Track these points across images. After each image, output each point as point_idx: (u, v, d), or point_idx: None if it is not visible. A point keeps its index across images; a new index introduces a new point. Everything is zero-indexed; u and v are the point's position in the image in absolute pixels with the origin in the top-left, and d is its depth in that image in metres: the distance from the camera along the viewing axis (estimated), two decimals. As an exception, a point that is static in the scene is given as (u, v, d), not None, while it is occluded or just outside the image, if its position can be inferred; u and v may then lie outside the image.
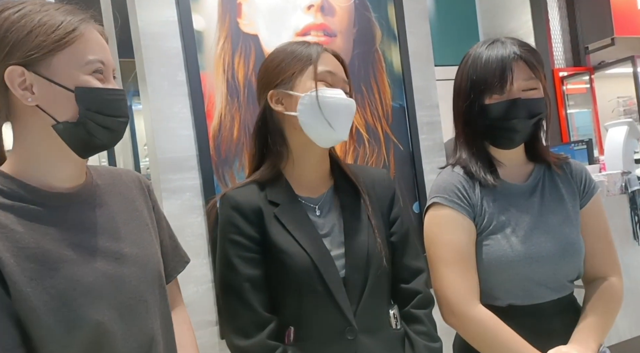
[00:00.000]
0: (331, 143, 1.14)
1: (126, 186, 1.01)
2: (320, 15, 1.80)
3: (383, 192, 1.21)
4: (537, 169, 1.22)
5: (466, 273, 1.12)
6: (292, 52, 1.13)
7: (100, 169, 1.01)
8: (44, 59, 0.83)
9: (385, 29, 1.93)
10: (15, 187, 0.85)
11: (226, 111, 1.64)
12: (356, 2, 1.88)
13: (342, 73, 1.15)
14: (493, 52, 1.14)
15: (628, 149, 2.85)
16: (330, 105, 1.09)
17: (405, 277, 1.17)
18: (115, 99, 0.88)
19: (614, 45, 4.19)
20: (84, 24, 0.87)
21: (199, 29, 1.61)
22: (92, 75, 0.86)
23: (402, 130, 1.94)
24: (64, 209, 0.87)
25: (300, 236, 1.07)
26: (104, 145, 0.91)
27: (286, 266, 1.06)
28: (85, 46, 0.86)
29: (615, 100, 4.67)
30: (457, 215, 1.14)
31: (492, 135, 1.17)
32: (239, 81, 1.66)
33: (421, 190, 1.95)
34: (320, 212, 1.14)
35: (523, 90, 1.12)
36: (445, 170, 1.24)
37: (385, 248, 1.13)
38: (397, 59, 1.94)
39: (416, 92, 1.97)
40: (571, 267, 1.15)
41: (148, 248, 0.96)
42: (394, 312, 1.14)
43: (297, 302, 1.07)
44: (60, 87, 0.84)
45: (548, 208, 1.17)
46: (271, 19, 1.72)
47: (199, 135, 1.59)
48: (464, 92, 1.18)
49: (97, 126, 0.86)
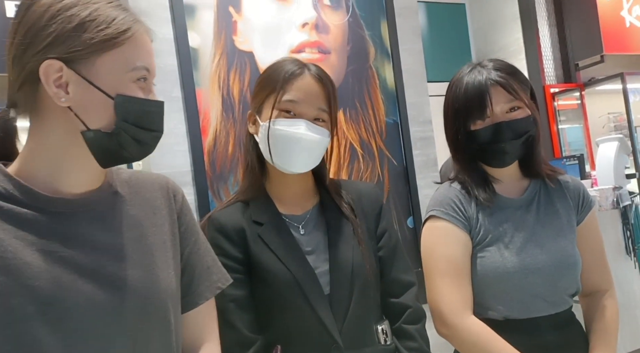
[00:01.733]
0: (288, 173, 1.10)
1: (151, 195, 0.89)
2: (315, 32, 1.82)
3: (370, 206, 1.19)
4: (532, 183, 1.23)
5: (460, 285, 1.12)
6: (269, 75, 1.11)
7: (125, 174, 0.89)
8: (88, 57, 0.74)
9: (378, 46, 1.96)
10: (11, 188, 0.74)
11: (221, 127, 1.65)
12: (350, 20, 1.91)
13: (319, 100, 1.08)
14: (471, 78, 1.15)
15: (619, 164, 2.89)
16: (279, 139, 1.06)
17: (395, 291, 1.15)
18: (154, 112, 0.81)
19: (603, 62, 4.26)
20: (137, 25, 0.78)
21: (195, 46, 1.63)
22: (136, 83, 0.77)
23: (396, 146, 1.96)
24: (65, 217, 0.76)
25: (283, 254, 1.06)
26: (131, 158, 0.82)
27: (270, 284, 1.05)
28: (135, 50, 0.77)
29: (606, 116, 4.73)
30: (453, 228, 1.15)
31: (483, 157, 1.19)
32: (234, 97, 1.67)
33: (415, 205, 1.96)
34: (305, 230, 1.12)
35: (507, 112, 1.13)
36: (443, 185, 1.26)
37: (372, 263, 1.12)
38: (390, 76, 1.97)
39: (409, 108, 1.99)
40: (568, 280, 1.15)
41: (156, 271, 0.82)
42: (383, 328, 1.12)
43: (283, 320, 1.06)
44: (100, 91, 0.75)
45: (543, 221, 1.17)
46: (266, 36, 1.74)
47: (194, 151, 1.59)
48: (450, 119, 1.20)
49: (130, 139, 0.77)
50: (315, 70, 1.10)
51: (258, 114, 1.12)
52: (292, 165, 1.08)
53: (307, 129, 1.06)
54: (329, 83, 1.11)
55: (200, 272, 0.91)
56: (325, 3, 1.86)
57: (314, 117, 1.08)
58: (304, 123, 1.06)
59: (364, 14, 1.93)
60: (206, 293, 0.91)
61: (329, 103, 1.10)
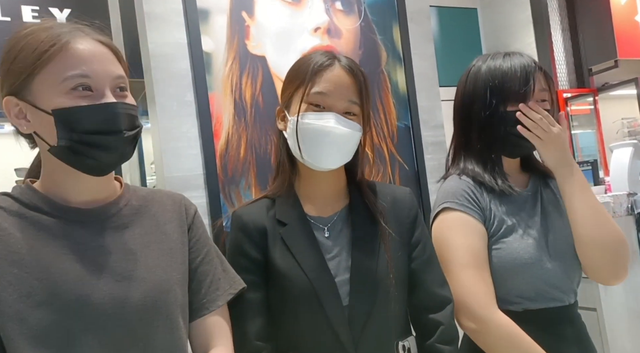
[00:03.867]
0: (318, 169, 1.06)
1: (164, 208, 0.95)
2: (327, 37, 1.83)
3: (403, 213, 1.12)
4: (533, 177, 1.25)
5: (483, 277, 1.09)
6: (298, 67, 1.07)
7: (139, 190, 0.97)
8: (27, 83, 0.80)
9: (390, 51, 1.96)
10: (35, 199, 0.84)
11: (233, 131, 1.66)
12: (362, 24, 1.91)
13: (349, 92, 1.04)
14: (515, 62, 1.15)
15: (633, 170, 2.85)
16: (307, 133, 1.02)
17: (429, 306, 1.07)
18: (102, 115, 0.80)
19: (617, 67, 4.22)
20: (69, 36, 0.80)
21: (208, 50, 1.64)
22: (72, 93, 0.79)
23: (408, 150, 1.95)
24: (80, 225, 0.85)
25: (303, 259, 1.01)
26: (107, 164, 0.85)
27: (285, 290, 1.01)
28: (65, 61, 0.79)
29: (620, 121, 4.68)
30: (470, 218, 1.12)
31: (509, 142, 1.17)
32: (247, 101, 1.68)
33: (427, 210, 1.95)
34: (330, 233, 1.06)
35: (536, 101, 1.14)
36: (451, 178, 1.22)
37: (399, 274, 1.05)
38: (402, 80, 1.97)
39: (421, 112, 1.99)
40: (577, 271, 1.17)
41: (160, 272, 0.87)
42: (405, 344, 1.04)
43: (296, 328, 1.02)
44: (41, 111, 0.79)
45: (551, 212, 1.19)
46: (278, 40, 1.75)
47: (206, 155, 1.60)
48: (480, 99, 1.17)
49: (86, 147, 0.80)
50: (345, 61, 1.05)
51: (287, 108, 1.08)
52: (321, 161, 1.04)
53: (336, 122, 1.01)
54: (360, 75, 1.06)
55: (212, 281, 0.96)
56: (338, 8, 1.86)
57: (344, 110, 1.03)
58: (333, 116, 1.01)
59: (376, 19, 1.93)
60: (218, 301, 0.95)
61: (361, 95, 1.05)
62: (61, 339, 0.77)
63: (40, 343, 0.76)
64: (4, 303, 0.76)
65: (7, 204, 0.83)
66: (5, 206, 0.83)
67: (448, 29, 4.27)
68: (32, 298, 0.76)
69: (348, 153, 1.07)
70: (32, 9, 2.07)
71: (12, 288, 0.76)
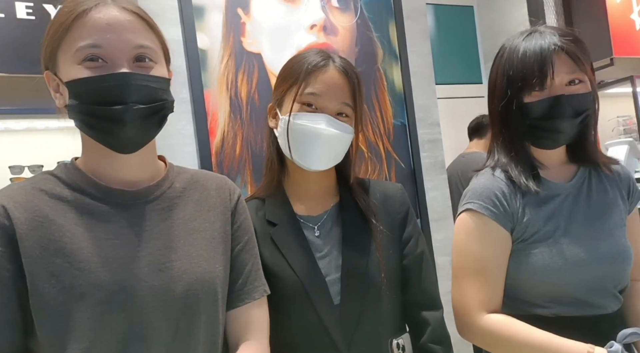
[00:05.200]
0: (307, 169, 1.05)
1: (208, 193, 0.93)
2: (323, 34, 1.82)
3: (394, 209, 1.11)
4: (581, 169, 1.13)
5: (484, 286, 1.05)
6: (292, 66, 1.06)
7: (184, 171, 0.95)
8: (54, 56, 0.80)
9: (386, 48, 1.95)
10: (79, 179, 0.83)
11: (229, 128, 1.65)
12: (358, 22, 1.90)
13: (342, 93, 1.03)
14: (530, 44, 1.03)
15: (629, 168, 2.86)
16: (298, 134, 1.01)
17: (423, 303, 1.08)
18: (105, 86, 0.77)
19: (613, 65, 4.22)
20: (91, 4, 0.78)
21: (203, 47, 1.63)
22: (82, 64, 0.77)
23: (404, 148, 1.95)
24: (123, 207, 0.83)
25: (293, 259, 1.01)
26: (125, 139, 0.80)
27: (276, 291, 0.99)
28: (80, 31, 0.77)
29: (615, 119, 4.69)
30: (490, 224, 1.05)
31: (534, 136, 1.08)
32: (242, 99, 1.68)
33: (422, 208, 1.96)
34: (320, 232, 1.06)
35: (566, 84, 1.02)
36: (484, 173, 1.13)
37: (390, 272, 1.05)
38: (398, 78, 1.96)
39: (417, 110, 1.99)
40: (622, 275, 1.07)
41: (202, 264, 0.85)
42: (399, 342, 1.05)
43: (288, 328, 1.02)
44: (63, 84, 0.79)
45: (597, 211, 1.08)
46: (274, 37, 1.74)
47: (202, 152, 1.60)
48: (499, 89, 1.08)
49: (93, 119, 0.78)
50: (340, 62, 1.05)
51: (279, 107, 1.07)
52: (311, 162, 1.03)
53: (327, 124, 1.01)
54: (354, 76, 1.05)
55: (251, 271, 0.94)
56: (334, 5, 1.86)
57: (336, 112, 1.03)
58: (325, 117, 1.01)
59: (372, 16, 1.93)
60: (254, 293, 0.93)
61: (354, 97, 1.05)
62: (103, 332, 0.76)
63: (83, 335, 0.75)
64: (48, 295, 0.75)
65: (49, 186, 0.82)
66: (47, 188, 0.81)
67: (444, 27, 4.27)
68: (75, 291, 0.75)
69: (338, 155, 1.07)
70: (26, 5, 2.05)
71: (55, 280, 0.75)
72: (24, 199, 0.79)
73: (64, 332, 0.75)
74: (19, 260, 0.75)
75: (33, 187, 0.81)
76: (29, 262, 0.75)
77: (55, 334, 0.75)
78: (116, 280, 0.77)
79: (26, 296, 0.76)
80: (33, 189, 0.81)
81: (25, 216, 0.77)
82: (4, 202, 0.78)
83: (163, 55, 0.86)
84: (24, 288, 0.75)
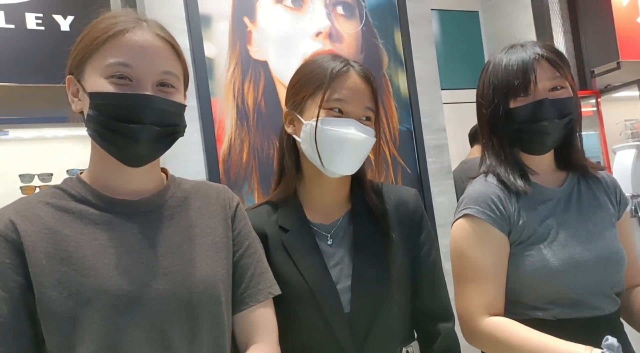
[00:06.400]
0: (332, 175, 1.05)
1: (207, 202, 0.96)
2: (329, 41, 1.84)
3: (407, 215, 1.10)
4: (570, 175, 1.17)
5: (484, 289, 1.07)
6: (311, 71, 1.06)
7: (185, 182, 0.98)
8: (82, 65, 0.84)
9: (392, 54, 1.96)
10: (83, 191, 0.86)
11: (236, 135, 1.67)
12: (364, 29, 1.92)
13: (365, 98, 1.04)
14: (513, 56, 1.10)
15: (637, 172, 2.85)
16: (327, 139, 1.01)
17: (435, 313, 1.08)
18: (128, 104, 0.81)
19: (619, 69, 4.21)
20: (128, 26, 0.83)
21: (210, 56, 1.65)
22: (109, 80, 0.81)
23: (410, 154, 1.96)
24: (126, 217, 0.86)
25: (304, 267, 1.01)
26: (135, 154, 0.84)
27: (286, 298, 0.99)
28: (113, 49, 0.82)
29: (623, 123, 4.68)
30: (488, 228, 1.08)
31: (521, 140, 1.12)
32: (249, 106, 1.69)
33: (429, 213, 1.96)
34: (333, 241, 1.06)
35: (549, 90, 1.08)
36: (478, 179, 1.17)
37: (403, 280, 1.05)
38: (404, 84, 1.97)
39: (423, 115, 1.99)
40: (617, 277, 1.09)
41: (205, 268, 0.88)
42: (408, 350, 1.04)
43: (298, 336, 1.01)
44: (85, 93, 0.83)
45: (588, 215, 1.12)
46: (280, 45, 1.76)
47: (209, 160, 1.61)
48: (486, 98, 1.14)
49: (109, 132, 0.82)
50: (359, 68, 1.06)
51: (299, 112, 1.06)
52: (339, 168, 1.03)
53: (356, 129, 1.01)
54: (374, 81, 1.07)
55: (253, 275, 0.95)
56: (339, 12, 1.87)
57: (361, 116, 1.04)
58: (353, 122, 1.02)
59: (377, 23, 1.94)
60: (258, 296, 0.94)
61: (375, 101, 1.07)
62: (110, 335, 0.78)
63: (91, 340, 0.77)
64: (56, 302, 0.77)
65: (55, 199, 0.85)
66: (53, 202, 0.85)
67: (450, 32, 4.28)
68: (81, 296, 0.78)
69: (363, 158, 1.07)
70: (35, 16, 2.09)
71: (61, 287, 0.78)
72: (31, 213, 0.83)
73: (72, 337, 0.77)
74: (26, 271, 0.78)
75: (39, 201, 0.85)
76: (36, 271, 0.78)
77: (63, 339, 0.77)
78: (121, 285, 0.80)
79: (35, 306, 0.78)
80: (39, 203, 0.85)
81: (32, 229, 0.81)
82: (12, 217, 0.81)
83: (183, 81, 0.91)
84: (32, 298, 0.78)
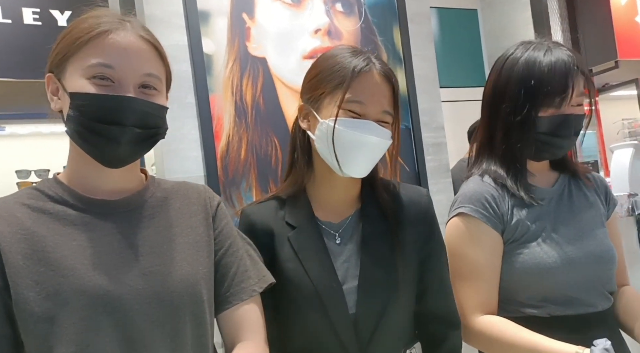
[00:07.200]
0: (345, 176, 1.02)
1: (188, 201, 0.95)
2: (327, 38, 1.83)
3: (418, 216, 1.07)
4: (562, 176, 1.19)
5: (478, 288, 1.08)
6: (331, 66, 1.01)
7: (164, 182, 0.97)
8: (63, 64, 0.83)
9: (391, 52, 1.96)
10: (61, 191, 0.85)
11: (234, 132, 1.66)
12: (362, 26, 1.91)
13: (385, 100, 1.01)
14: (554, 58, 1.05)
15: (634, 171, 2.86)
16: (344, 141, 0.97)
17: (441, 316, 1.06)
18: (109, 106, 0.80)
19: (617, 68, 4.21)
20: (111, 26, 0.82)
21: (209, 52, 1.64)
22: (92, 80, 0.80)
23: (408, 152, 1.95)
24: (104, 217, 0.85)
25: (310, 266, 0.98)
26: (114, 156, 0.83)
27: (291, 297, 0.98)
28: (96, 49, 0.80)
29: (620, 122, 4.68)
30: (482, 226, 1.09)
31: (536, 147, 1.10)
32: (247, 103, 1.69)
33: (427, 212, 1.96)
34: (341, 240, 1.03)
35: (573, 105, 1.07)
36: (473, 179, 1.16)
37: (410, 282, 1.03)
38: (402, 82, 1.97)
39: (422, 113, 1.99)
40: (609, 274, 1.11)
41: (186, 267, 0.87)
42: (412, 352, 1.03)
43: (302, 336, 1.00)
44: (65, 92, 0.82)
45: (579, 214, 1.13)
46: (279, 42, 1.75)
47: (207, 157, 1.61)
48: (512, 98, 1.09)
49: (89, 133, 0.81)
50: (380, 66, 1.02)
51: (316, 109, 1.02)
52: (353, 169, 1.00)
53: (374, 132, 0.99)
54: (395, 82, 1.03)
55: (236, 273, 0.94)
56: (338, 9, 1.87)
57: (379, 119, 1.00)
58: (371, 125, 0.98)
59: (376, 20, 1.94)
60: (241, 294, 0.93)
61: (395, 104, 1.03)
62: (89, 336, 0.77)
63: (70, 340, 0.76)
64: (33, 303, 0.76)
65: (32, 200, 0.84)
66: (30, 203, 0.83)
67: (448, 30, 4.27)
68: (60, 297, 0.77)
69: (377, 161, 1.05)
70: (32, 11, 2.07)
71: (39, 287, 0.76)
72: (7, 214, 0.81)
73: (50, 338, 0.76)
74: (3, 272, 0.77)
75: (16, 202, 0.84)
76: (13, 272, 0.77)
77: (41, 340, 0.76)
78: (100, 285, 0.78)
79: (12, 308, 0.77)
80: (15, 204, 0.83)
81: (8, 230, 0.79)
82: None
83: (165, 83, 0.90)
84: (11, 301, 0.77)
